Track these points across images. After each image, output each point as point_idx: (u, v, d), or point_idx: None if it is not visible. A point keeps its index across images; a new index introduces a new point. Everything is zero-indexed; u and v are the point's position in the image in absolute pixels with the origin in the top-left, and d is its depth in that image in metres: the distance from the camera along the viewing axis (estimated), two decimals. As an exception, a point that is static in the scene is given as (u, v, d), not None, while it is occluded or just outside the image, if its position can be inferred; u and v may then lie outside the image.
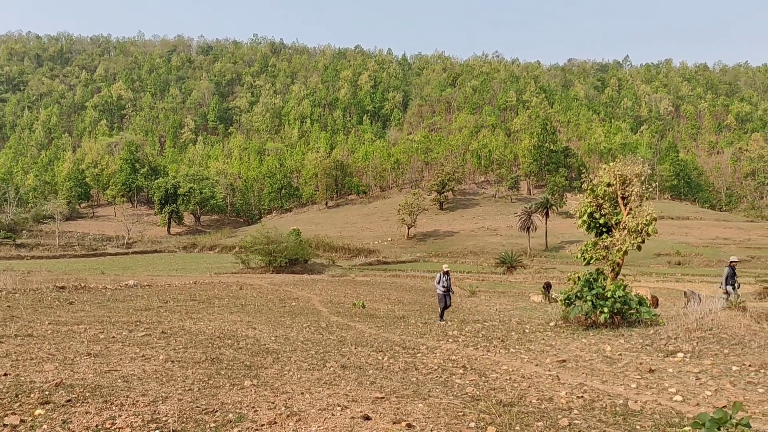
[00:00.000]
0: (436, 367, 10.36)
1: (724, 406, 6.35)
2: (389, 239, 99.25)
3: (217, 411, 6.96)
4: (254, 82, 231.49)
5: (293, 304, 22.32)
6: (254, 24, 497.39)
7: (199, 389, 7.96)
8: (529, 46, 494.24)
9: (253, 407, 7.19)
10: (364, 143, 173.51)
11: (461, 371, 10.06)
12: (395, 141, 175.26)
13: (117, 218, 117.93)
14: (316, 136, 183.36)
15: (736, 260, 17.44)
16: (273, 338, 13.38)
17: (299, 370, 9.74)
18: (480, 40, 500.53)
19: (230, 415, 6.84)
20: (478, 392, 8.38)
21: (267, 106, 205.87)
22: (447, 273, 18.65)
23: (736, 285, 16.90)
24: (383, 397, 7.83)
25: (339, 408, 7.24)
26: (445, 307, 18.45)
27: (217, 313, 18.07)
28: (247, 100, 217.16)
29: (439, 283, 18.47)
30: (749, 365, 9.82)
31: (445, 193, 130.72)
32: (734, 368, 9.78)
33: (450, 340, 14.05)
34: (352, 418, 6.84)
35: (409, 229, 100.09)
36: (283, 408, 7.18)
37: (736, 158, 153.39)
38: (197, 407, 7.03)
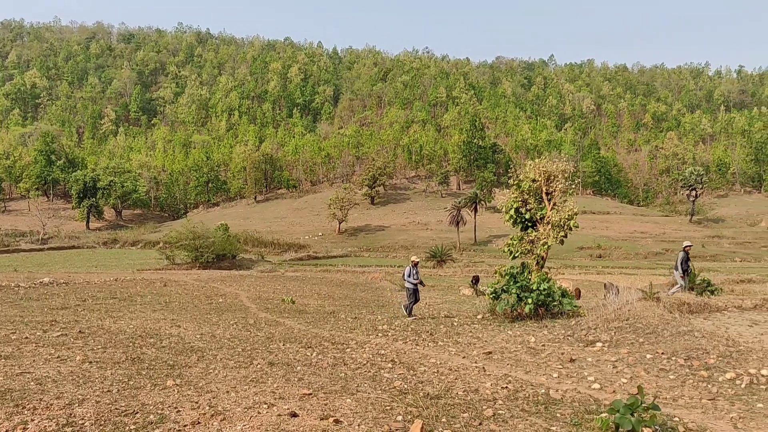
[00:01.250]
0: (365, 362, 10.36)
1: (637, 393, 6.63)
2: (320, 234, 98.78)
3: (137, 412, 6.74)
4: (179, 72, 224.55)
5: (220, 300, 21.84)
6: (179, 12, 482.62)
7: (118, 390, 7.68)
8: (458, 43, 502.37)
9: (175, 407, 7.00)
10: (294, 137, 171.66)
11: (390, 365, 10.10)
12: (326, 135, 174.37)
13: (31, 212, 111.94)
14: (245, 128, 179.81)
15: (690, 245, 17.54)
16: (198, 336, 13.05)
17: (225, 368, 9.54)
18: (410, 36, 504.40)
19: (151, 416, 6.64)
20: (406, 386, 8.44)
21: (193, 98, 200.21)
22: (416, 265, 17.78)
23: (689, 270, 17.07)
24: (311, 394, 7.77)
25: (265, 406, 7.15)
26: (415, 301, 17.62)
27: (139, 311, 17.45)
28: (172, 90, 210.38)
29: (409, 276, 17.53)
30: (662, 353, 10.33)
31: (376, 188, 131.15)
32: (648, 356, 10.26)
33: (379, 334, 14.09)
34: (279, 415, 6.76)
35: (340, 223, 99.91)
36: (208, 407, 7.02)
37: (653, 156, 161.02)
38: (116, 409, 6.79)
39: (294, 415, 6.76)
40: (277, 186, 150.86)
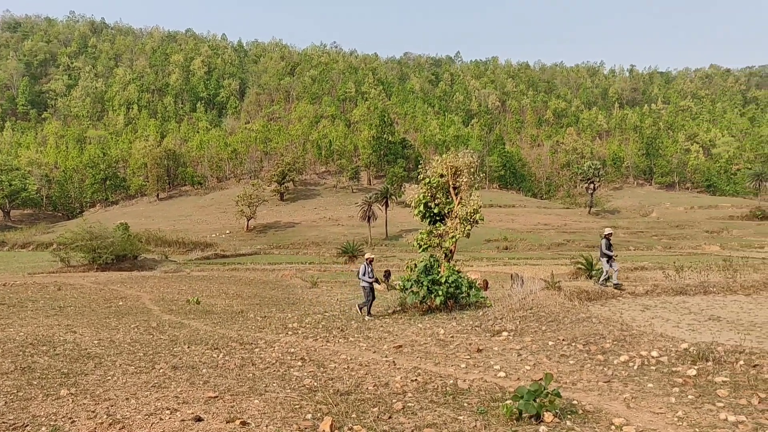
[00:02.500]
0: (274, 361, 10.18)
1: (540, 379, 6.87)
2: (227, 232, 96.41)
3: (27, 425, 6.34)
4: (72, 63, 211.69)
5: (120, 303, 20.82)
6: (71, 0, 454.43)
7: (6, 402, 7.17)
8: (366, 39, 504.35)
9: (70, 418, 6.62)
10: (198, 132, 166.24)
11: (300, 363, 9.97)
12: (232, 130, 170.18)
13: None
14: (145, 123, 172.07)
15: (611, 232, 17.76)
16: (96, 342, 12.37)
17: (125, 374, 9.08)
18: (318, 30, 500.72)
19: (43, 428, 6.25)
20: (316, 383, 8.35)
21: (87, 90, 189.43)
22: (371, 262, 17.02)
23: (613, 257, 17.25)
24: (217, 396, 7.54)
25: (168, 411, 6.88)
26: (373, 300, 16.80)
27: (30, 317, 16.33)
28: (64, 83, 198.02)
29: (363, 274, 16.67)
30: (563, 339, 10.78)
31: (285, 184, 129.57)
32: (550, 343, 10.68)
33: (289, 332, 13.90)
34: (183, 420, 6.51)
35: (248, 220, 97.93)
36: (105, 416, 6.68)
37: (554, 150, 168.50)
38: (3, 423, 6.35)
39: (199, 419, 6.54)
40: (181, 183, 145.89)
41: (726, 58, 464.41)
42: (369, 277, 16.54)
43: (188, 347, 11.75)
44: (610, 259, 17.11)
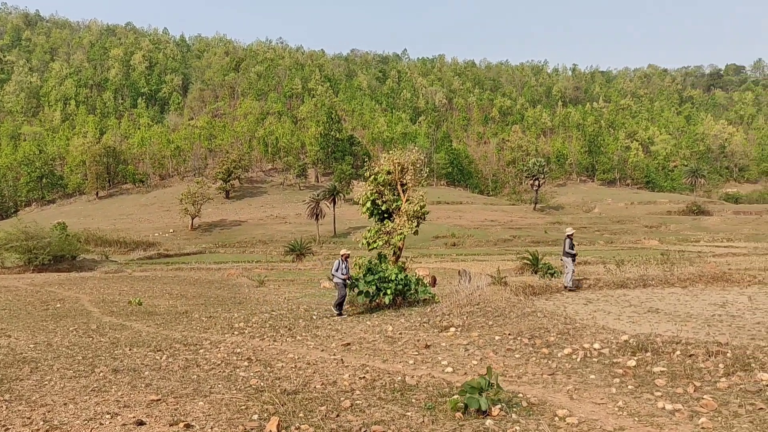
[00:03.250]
0: (220, 362, 9.99)
1: (487, 373, 6.95)
2: (171, 231, 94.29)
3: (-47, 438, 5.98)
4: (4, 57, 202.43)
5: (58, 305, 20.07)
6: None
7: (-70, 414, 6.76)
8: (312, 35, 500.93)
9: (3, 426, 6.36)
10: (140, 128, 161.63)
11: (246, 364, 9.82)
12: (175, 126, 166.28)
13: None
14: (83, 119, 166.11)
15: (572, 232, 17.99)
16: (32, 346, 11.88)
17: (63, 378, 8.76)
18: (263, 25, 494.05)
19: (-28, 440, 5.91)
20: (262, 383, 8.23)
21: (21, 85, 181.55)
22: (347, 258, 16.34)
23: (575, 255, 17.37)
24: (159, 399, 7.36)
25: (108, 416, 6.68)
26: (345, 297, 16.21)
27: (-41, 322, 15.55)
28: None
29: (337, 270, 16.06)
30: (509, 334, 10.96)
31: (231, 182, 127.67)
32: (497, 338, 10.84)
33: (236, 332, 13.67)
34: (124, 425, 6.34)
35: (193, 219, 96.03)
36: (42, 422, 6.45)
37: (500, 148, 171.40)
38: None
39: (141, 423, 6.37)
40: (122, 181, 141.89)
41: (663, 58, 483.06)
42: (342, 274, 16.02)
43: (130, 349, 11.42)
44: (574, 258, 17.43)
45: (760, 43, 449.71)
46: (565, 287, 17.12)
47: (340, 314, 15.69)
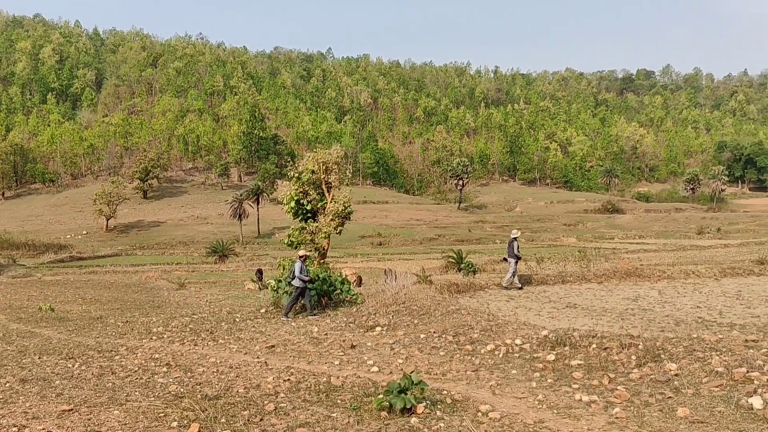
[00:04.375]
0: (137, 369, 9.57)
1: (412, 372, 6.98)
2: (84, 232, 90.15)
3: None
4: None
5: (-42, 313, 18.74)
6: None
7: None
8: (234, 31, 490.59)
9: None
10: (50, 125, 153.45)
11: (165, 369, 9.46)
12: (88, 124, 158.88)
13: None
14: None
15: (518, 234, 18.33)
16: (-74, 358, 10.99)
17: (-38, 392, 8.14)
18: (182, 20, 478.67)
19: None
20: (182, 389, 7.95)
21: None
22: (305, 259, 15.59)
23: (514, 261, 17.60)
24: (72, 409, 6.98)
25: (15, 429, 6.32)
26: (296, 302, 15.26)
27: None
28: None
29: (301, 272, 15.10)
30: (434, 332, 11.07)
31: (149, 181, 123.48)
32: (422, 336, 10.93)
33: (154, 337, 13.16)
34: (32, 439, 5.94)
35: (108, 220, 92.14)
36: (-62, 440, 5.95)
37: (425, 148, 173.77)
38: None
39: (50, 436, 6.00)
40: (31, 180, 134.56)
41: (580, 62, 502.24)
42: (306, 275, 15.11)
43: (39, 358, 10.80)
44: (518, 260, 17.81)
45: (669, 50, 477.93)
46: (518, 287, 17.34)
47: (314, 314, 14.85)
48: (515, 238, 17.85)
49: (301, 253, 15.80)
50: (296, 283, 15.00)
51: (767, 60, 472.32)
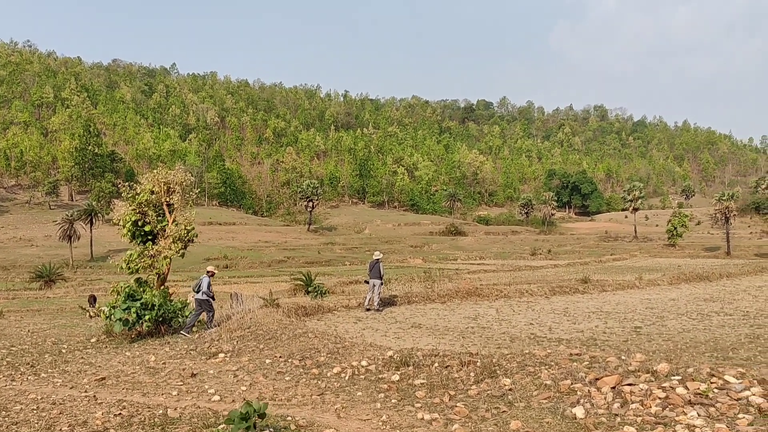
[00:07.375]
0: (-64, 413, 8.35)
1: (256, 399, 6.76)
2: None
3: None
4: None
5: None
6: None
7: None
8: (67, 40, 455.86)
9: None
10: None
11: (-27, 411, 8.35)
12: None
13: None
14: None
15: (380, 256, 18.32)
16: None
17: None
18: (7, 25, 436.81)
19: None
20: (-7, 433, 7.06)
21: None
22: (213, 275, 16.14)
23: (379, 283, 17.63)
24: None
25: None
26: (198, 316, 15.49)
27: None
28: None
29: (208, 287, 15.52)
30: (280, 356, 10.86)
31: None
32: (267, 361, 10.67)
33: (-39, 374, 11.60)
34: None
35: None
36: None
37: (274, 169, 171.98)
38: None
39: None
40: None
41: (425, 90, 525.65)
42: (210, 291, 15.58)
43: None
44: (382, 283, 17.91)
45: (505, 83, 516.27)
46: (376, 309, 17.37)
47: (187, 332, 14.82)
48: (378, 260, 18.09)
49: (210, 268, 16.54)
50: (200, 296, 15.45)
51: (588, 97, 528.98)
